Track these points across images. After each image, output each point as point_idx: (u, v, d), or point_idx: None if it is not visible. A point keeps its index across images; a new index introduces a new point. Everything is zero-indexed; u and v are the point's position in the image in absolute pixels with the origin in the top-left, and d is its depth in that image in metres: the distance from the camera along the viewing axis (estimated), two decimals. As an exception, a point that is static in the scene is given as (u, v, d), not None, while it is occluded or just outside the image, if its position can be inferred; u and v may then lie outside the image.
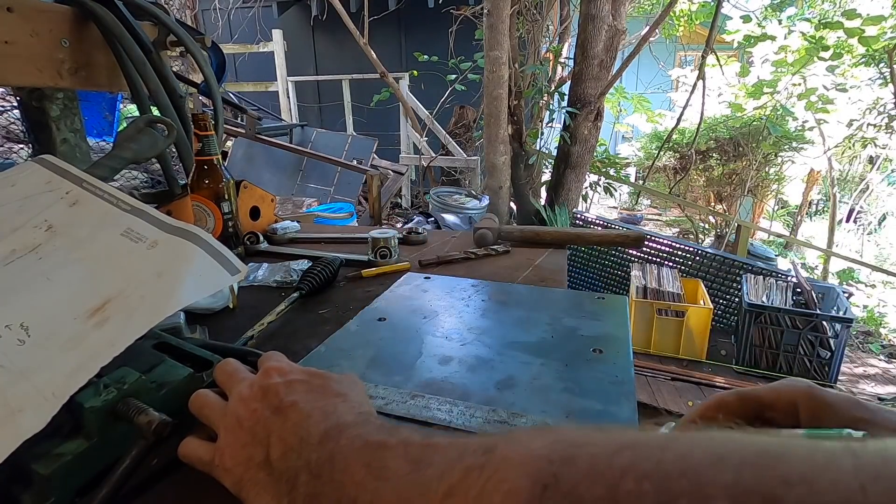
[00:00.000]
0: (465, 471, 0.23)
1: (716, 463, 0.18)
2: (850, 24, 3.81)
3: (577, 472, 0.20)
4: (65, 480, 0.33)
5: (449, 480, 0.23)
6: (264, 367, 0.36)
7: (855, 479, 0.16)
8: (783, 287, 2.60)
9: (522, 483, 0.21)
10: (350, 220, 3.46)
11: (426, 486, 0.24)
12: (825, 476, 0.16)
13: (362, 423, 0.30)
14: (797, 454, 0.18)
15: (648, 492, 0.18)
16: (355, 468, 0.27)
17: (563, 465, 0.21)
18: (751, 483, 0.17)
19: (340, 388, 0.35)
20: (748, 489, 0.17)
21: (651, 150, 5.59)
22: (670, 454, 0.19)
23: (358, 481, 0.26)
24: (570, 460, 0.21)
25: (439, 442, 0.27)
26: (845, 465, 0.16)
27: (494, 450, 0.23)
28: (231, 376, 0.37)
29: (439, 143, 4.75)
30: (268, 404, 0.33)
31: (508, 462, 0.22)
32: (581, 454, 0.21)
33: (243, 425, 0.32)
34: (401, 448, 0.27)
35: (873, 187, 5.53)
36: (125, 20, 0.84)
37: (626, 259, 3.24)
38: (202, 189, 0.79)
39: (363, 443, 0.28)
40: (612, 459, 0.20)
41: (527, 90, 3.66)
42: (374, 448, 0.28)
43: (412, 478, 0.25)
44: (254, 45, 5.45)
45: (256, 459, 0.31)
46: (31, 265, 0.41)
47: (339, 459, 0.28)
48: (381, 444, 0.28)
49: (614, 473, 0.19)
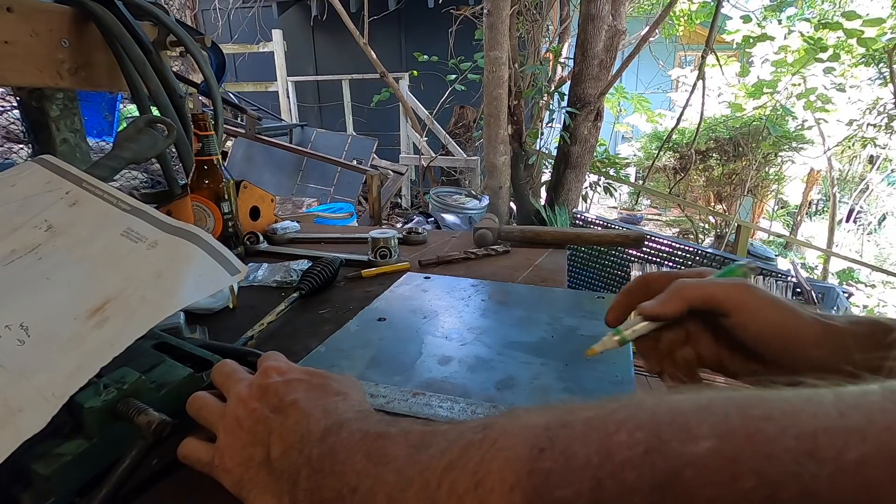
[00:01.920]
0: (465, 446, 0.23)
1: (704, 409, 0.19)
2: (849, 24, 3.81)
3: (573, 433, 0.21)
4: (65, 480, 0.33)
5: (449, 456, 0.24)
6: (263, 366, 0.36)
7: (834, 409, 0.17)
8: (783, 287, 2.60)
9: (520, 450, 0.21)
10: (350, 220, 3.46)
11: (426, 465, 0.24)
12: (806, 409, 0.17)
13: (363, 419, 0.31)
14: (781, 396, 0.18)
15: (641, 440, 0.19)
16: (356, 458, 0.27)
17: (559, 428, 0.21)
18: (736, 422, 0.18)
19: (340, 386, 0.35)
20: (733, 428, 0.17)
21: (651, 150, 5.59)
22: (663, 407, 0.20)
23: (359, 470, 0.26)
24: (567, 424, 0.21)
25: (439, 427, 0.27)
26: (826, 399, 0.17)
27: (493, 425, 0.24)
28: (229, 377, 0.37)
29: (439, 143, 4.75)
30: (267, 403, 0.33)
31: (507, 433, 0.23)
32: (577, 418, 0.21)
33: (243, 425, 0.32)
34: (401, 436, 0.27)
35: (873, 187, 5.54)
36: (125, 20, 0.83)
37: (626, 259, 3.24)
38: (202, 189, 0.79)
39: (363, 434, 0.28)
40: (607, 418, 0.20)
41: (527, 90, 3.66)
42: (375, 438, 0.28)
43: (413, 459, 0.25)
44: (254, 45, 5.45)
45: (257, 459, 0.31)
46: (30, 265, 0.41)
47: (339, 452, 0.28)
48: (381, 434, 0.28)
49: (608, 429, 0.20)
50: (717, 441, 0.17)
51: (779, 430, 0.16)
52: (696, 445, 0.17)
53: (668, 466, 0.17)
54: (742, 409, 0.18)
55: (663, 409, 0.20)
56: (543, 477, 0.20)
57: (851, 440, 0.15)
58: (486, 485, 0.21)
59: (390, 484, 0.25)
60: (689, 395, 0.20)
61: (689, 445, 0.17)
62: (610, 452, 0.19)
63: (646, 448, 0.18)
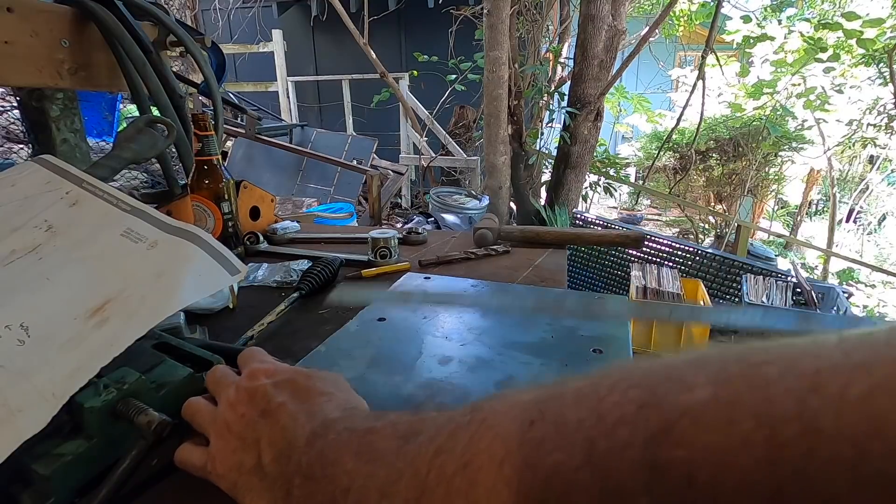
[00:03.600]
0: (453, 429, 0.23)
1: (700, 361, 0.18)
2: (849, 25, 3.81)
3: (564, 402, 0.20)
4: (65, 480, 0.33)
5: (437, 442, 0.23)
6: (249, 368, 0.36)
7: (838, 349, 0.16)
8: (783, 287, 2.61)
9: (509, 426, 0.21)
10: (350, 220, 3.46)
11: (416, 454, 0.24)
12: (808, 352, 0.16)
13: (349, 417, 0.30)
14: (782, 343, 0.18)
15: (634, 397, 0.18)
16: (345, 459, 0.27)
17: (549, 401, 0.21)
18: (734, 369, 0.17)
19: (325, 386, 0.34)
20: (731, 375, 0.17)
21: (651, 150, 5.59)
22: (657, 366, 0.19)
23: (349, 470, 0.26)
24: (557, 396, 0.21)
25: (427, 415, 0.26)
26: (829, 342, 0.16)
27: (482, 407, 0.23)
28: (219, 382, 0.37)
29: (439, 143, 4.75)
30: (255, 407, 0.32)
31: (495, 412, 0.22)
32: (567, 389, 0.21)
33: (232, 430, 0.32)
34: (389, 429, 0.27)
35: (873, 187, 5.53)
36: (125, 20, 0.83)
37: (626, 259, 3.24)
38: (202, 189, 0.79)
39: (350, 433, 0.28)
40: (599, 383, 0.20)
41: (527, 90, 3.66)
42: (363, 434, 0.27)
43: (402, 450, 0.25)
44: (254, 46, 5.45)
45: (248, 465, 0.31)
46: (30, 265, 0.41)
47: (328, 454, 0.28)
48: (369, 429, 0.28)
49: (600, 393, 0.19)
50: (714, 388, 0.17)
51: (779, 372, 0.16)
52: (691, 395, 0.17)
53: (663, 418, 0.17)
54: (741, 358, 0.17)
55: (657, 367, 0.19)
56: (534, 446, 0.19)
57: (856, 375, 0.14)
58: (474, 463, 0.21)
59: (381, 479, 0.24)
60: (685, 354, 0.20)
61: (684, 396, 0.17)
62: (602, 414, 0.18)
63: (639, 404, 0.18)
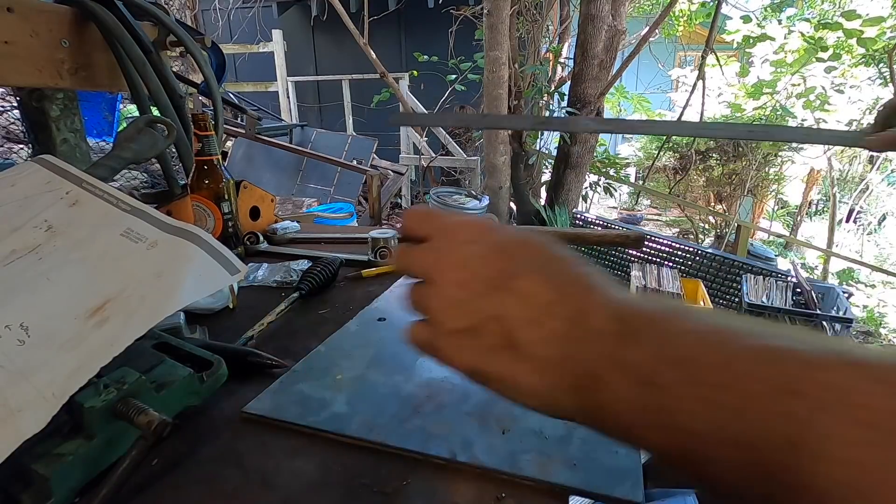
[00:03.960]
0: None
1: None
2: (849, 24, 3.81)
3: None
4: (65, 480, 0.33)
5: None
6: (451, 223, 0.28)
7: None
8: (783, 287, 2.61)
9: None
10: (350, 221, 3.46)
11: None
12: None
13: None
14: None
15: None
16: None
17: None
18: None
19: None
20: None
21: (651, 150, 5.59)
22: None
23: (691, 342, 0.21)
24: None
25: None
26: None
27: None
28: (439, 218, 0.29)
29: (439, 144, 4.75)
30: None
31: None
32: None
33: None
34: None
35: (873, 187, 5.53)
36: (125, 20, 0.83)
37: (626, 259, 3.24)
38: (202, 189, 0.79)
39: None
40: None
41: (527, 90, 3.66)
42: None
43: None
44: (254, 46, 5.44)
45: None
46: (31, 265, 0.41)
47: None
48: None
49: None
50: None
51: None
52: None
53: None
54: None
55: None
56: None
57: None
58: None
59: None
60: None
61: None
62: None
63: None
